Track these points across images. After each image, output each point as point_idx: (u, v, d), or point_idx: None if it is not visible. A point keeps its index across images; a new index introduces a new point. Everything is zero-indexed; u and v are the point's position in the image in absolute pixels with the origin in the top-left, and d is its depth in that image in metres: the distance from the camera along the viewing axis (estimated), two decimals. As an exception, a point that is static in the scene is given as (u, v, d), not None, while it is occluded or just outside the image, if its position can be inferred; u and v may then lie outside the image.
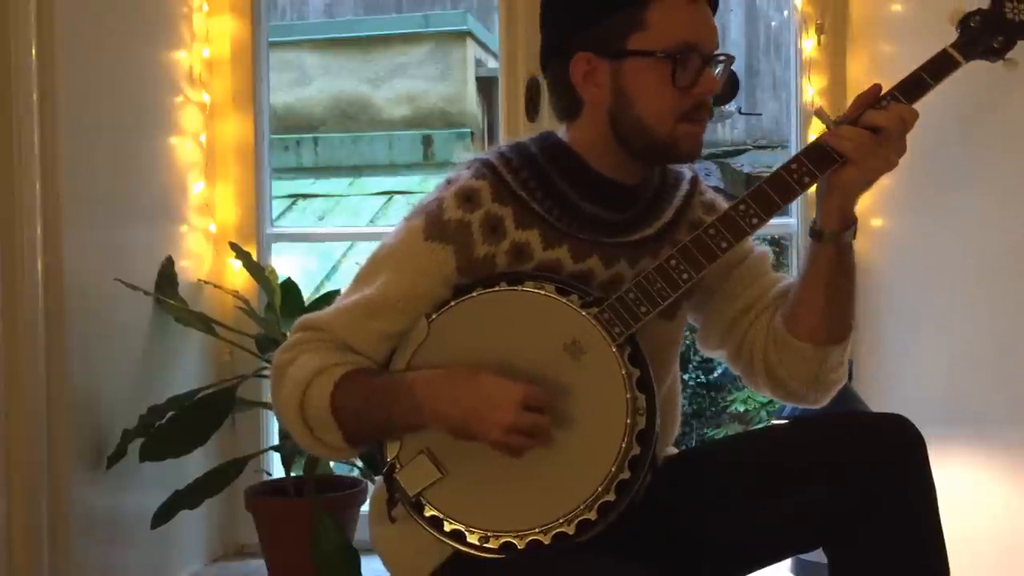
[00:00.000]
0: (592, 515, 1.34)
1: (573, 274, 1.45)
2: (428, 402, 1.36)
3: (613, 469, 1.34)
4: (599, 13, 1.43)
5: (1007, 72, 1.46)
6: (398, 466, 1.40)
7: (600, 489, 1.34)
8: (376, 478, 2.35)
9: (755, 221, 1.41)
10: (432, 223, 1.44)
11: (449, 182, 1.48)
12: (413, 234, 1.45)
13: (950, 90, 1.47)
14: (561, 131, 1.53)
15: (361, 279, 1.48)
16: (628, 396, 1.36)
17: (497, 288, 1.42)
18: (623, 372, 1.37)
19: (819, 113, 1.48)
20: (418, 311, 1.43)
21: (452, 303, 1.43)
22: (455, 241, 1.43)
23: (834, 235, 1.44)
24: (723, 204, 1.59)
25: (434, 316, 1.43)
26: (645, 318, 1.39)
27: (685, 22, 1.42)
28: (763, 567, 1.54)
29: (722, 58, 1.47)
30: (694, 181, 1.60)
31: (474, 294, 1.42)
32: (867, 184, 1.42)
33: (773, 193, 1.42)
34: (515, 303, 1.41)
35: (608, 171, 1.48)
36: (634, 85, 1.43)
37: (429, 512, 1.38)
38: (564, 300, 1.40)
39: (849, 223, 1.45)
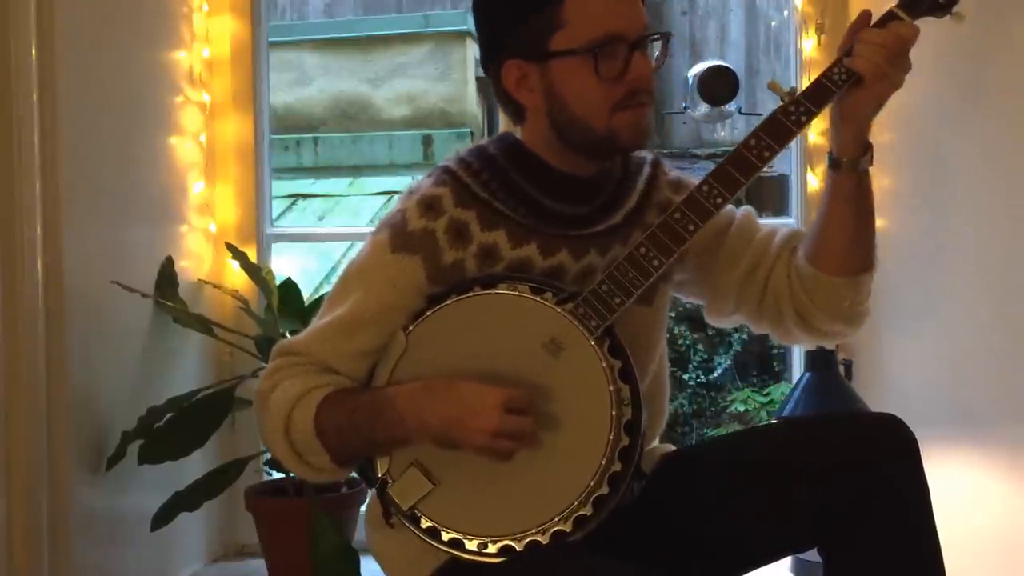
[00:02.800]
0: (587, 510, 1.34)
1: (544, 270, 1.45)
2: (410, 415, 1.36)
3: (603, 462, 1.34)
4: (518, 18, 1.43)
5: (955, 25, 1.46)
6: (390, 481, 1.40)
7: (592, 483, 1.34)
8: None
9: (719, 201, 1.42)
10: (397, 235, 1.44)
11: (411, 193, 1.48)
12: (379, 248, 1.44)
13: (951, 87, 1.47)
14: (519, 132, 1.54)
15: (333, 299, 1.48)
16: (611, 388, 1.36)
17: (471, 293, 1.42)
18: (604, 365, 1.37)
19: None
20: (394, 325, 1.43)
21: (428, 313, 1.42)
22: (421, 250, 1.42)
23: (853, 162, 1.45)
24: (690, 180, 1.59)
25: (411, 328, 1.42)
26: (620, 308, 1.39)
27: (603, 13, 1.41)
28: (758, 566, 1.54)
29: (654, 37, 1.46)
30: (655, 163, 1.60)
31: (448, 302, 1.42)
32: (878, 106, 1.43)
33: (734, 171, 1.42)
34: (490, 307, 1.41)
35: (566, 167, 1.48)
36: (562, 85, 1.43)
37: (425, 523, 1.38)
38: (538, 299, 1.40)
39: (865, 148, 1.46)
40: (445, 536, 1.37)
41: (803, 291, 1.52)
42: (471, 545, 1.36)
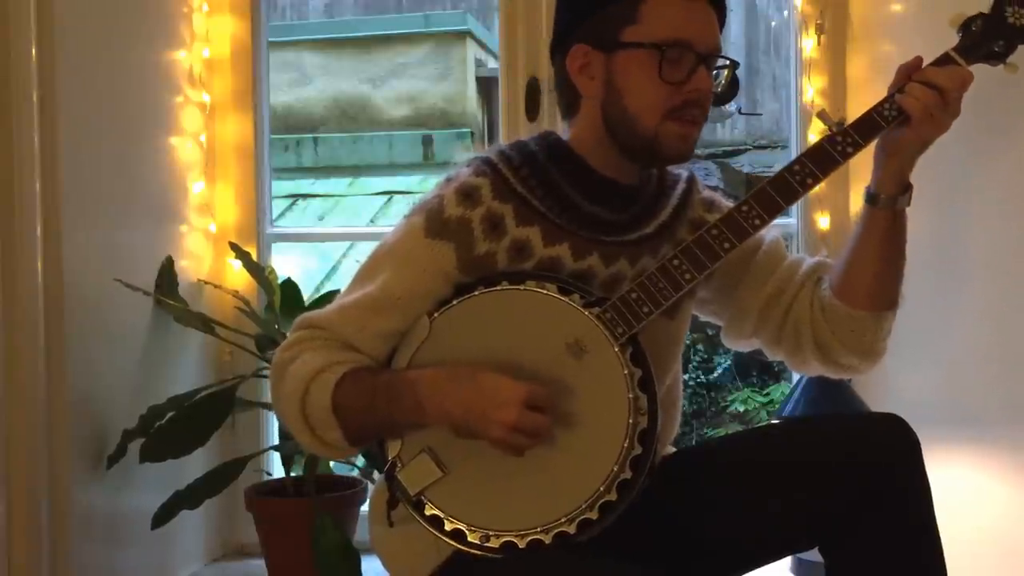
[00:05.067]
0: (593, 514, 1.34)
1: (573, 272, 1.45)
2: (431, 400, 1.36)
3: (615, 468, 1.34)
4: (595, 5, 1.45)
5: (1008, 75, 1.47)
6: (399, 465, 1.40)
7: (602, 488, 1.34)
8: (376, 477, 2.35)
9: (757, 222, 1.42)
10: (433, 220, 1.44)
11: (449, 180, 1.48)
12: (414, 232, 1.44)
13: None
14: (562, 131, 1.54)
15: (362, 277, 1.47)
16: (630, 396, 1.36)
17: (499, 287, 1.41)
18: (625, 372, 1.37)
19: (821, 115, 1.50)
20: (419, 309, 1.43)
21: (454, 302, 1.42)
22: (456, 238, 1.42)
23: (890, 199, 1.46)
24: (722, 201, 1.61)
25: (436, 315, 1.42)
26: (648, 318, 1.39)
27: (679, 18, 1.42)
28: (760, 566, 1.54)
29: (724, 62, 1.47)
30: (691, 180, 1.61)
31: (476, 293, 1.42)
32: (922, 147, 1.43)
33: (776, 195, 1.43)
34: (517, 302, 1.41)
35: (607, 170, 1.49)
36: (623, 77, 1.44)
37: (430, 511, 1.38)
38: (566, 300, 1.40)
39: (905, 187, 1.46)
40: (448, 526, 1.37)
41: (824, 322, 1.53)
42: (473, 537, 1.36)
